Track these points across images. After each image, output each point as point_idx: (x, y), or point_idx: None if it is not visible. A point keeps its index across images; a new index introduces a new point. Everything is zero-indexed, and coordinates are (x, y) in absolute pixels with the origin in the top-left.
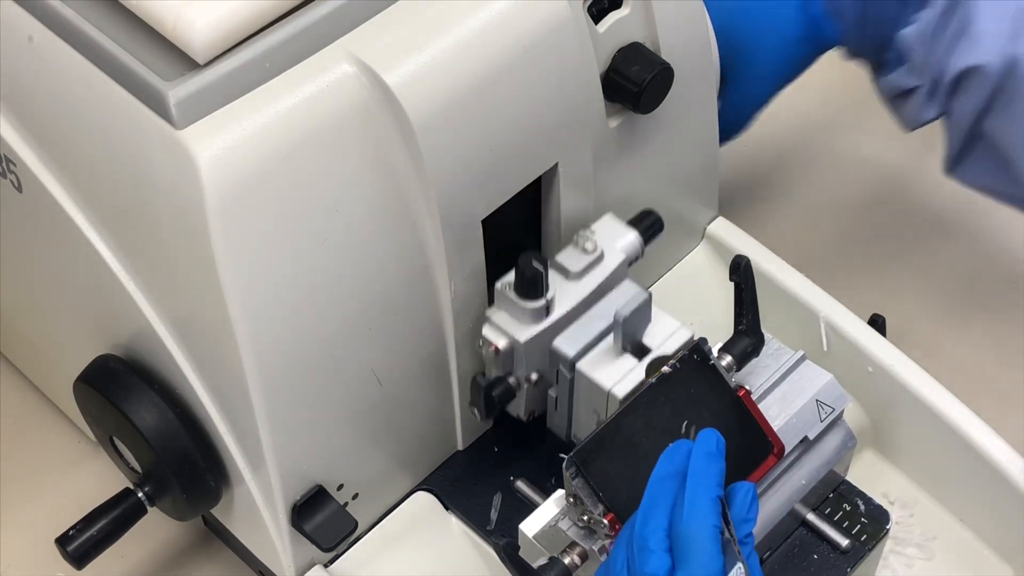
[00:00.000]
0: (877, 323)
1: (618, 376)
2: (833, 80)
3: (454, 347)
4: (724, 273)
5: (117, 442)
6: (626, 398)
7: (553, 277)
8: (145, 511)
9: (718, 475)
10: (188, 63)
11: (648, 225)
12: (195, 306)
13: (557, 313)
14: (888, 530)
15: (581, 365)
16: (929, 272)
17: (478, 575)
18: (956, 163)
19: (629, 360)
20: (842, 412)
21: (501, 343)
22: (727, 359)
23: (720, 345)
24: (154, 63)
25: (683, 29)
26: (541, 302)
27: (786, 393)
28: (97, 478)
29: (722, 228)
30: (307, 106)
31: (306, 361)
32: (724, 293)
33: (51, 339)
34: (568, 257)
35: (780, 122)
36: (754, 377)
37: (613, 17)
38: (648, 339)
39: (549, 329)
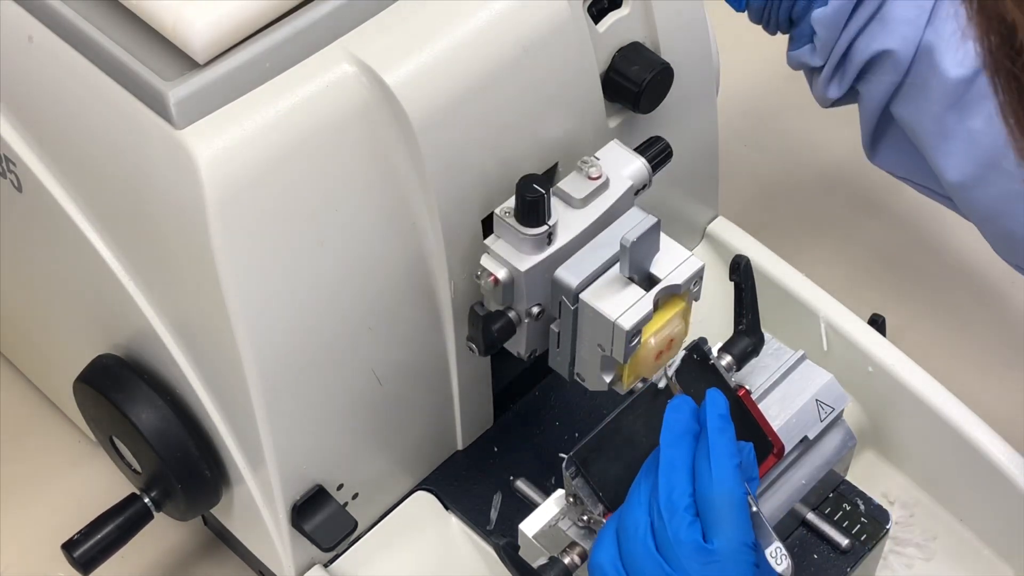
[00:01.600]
0: (877, 323)
1: (624, 306)
2: None
3: (454, 347)
4: (724, 273)
5: (117, 442)
6: (632, 330)
7: (556, 205)
8: (151, 516)
9: (734, 439)
10: (188, 63)
11: (656, 152)
12: (195, 306)
13: (560, 242)
14: (888, 530)
15: (585, 295)
16: (929, 272)
17: (478, 575)
18: (872, 148)
19: (636, 290)
20: (842, 412)
21: (500, 273)
22: (727, 359)
23: (720, 345)
24: (154, 63)
25: (683, 29)
26: (543, 229)
27: (786, 393)
28: (97, 478)
29: (722, 228)
30: (307, 106)
31: (306, 361)
32: (724, 293)
33: (51, 339)
34: (572, 184)
35: (780, 122)
36: (754, 377)
37: (613, 17)
38: (656, 268)
39: (551, 258)
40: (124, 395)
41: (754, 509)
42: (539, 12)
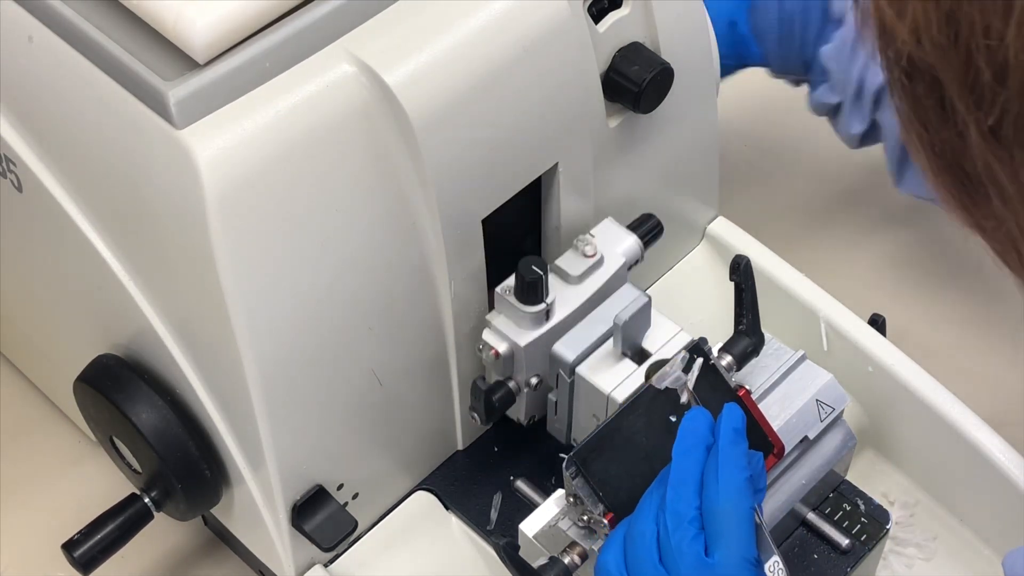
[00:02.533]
0: (877, 323)
1: (617, 380)
2: None
3: (454, 347)
4: (724, 273)
5: (117, 442)
6: (625, 402)
7: (553, 281)
8: (152, 516)
9: (746, 452)
10: (188, 63)
11: (648, 229)
12: (195, 306)
13: (557, 317)
14: (888, 530)
15: (581, 369)
16: (929, 272)
17: (478, 575)
18: (899, 176)
19: (629, 364)
20: (842, 412)
21: (501, 347)
22: (727, 359)
23: (720, 345)
24: (154, 63)
25: (683, 29)
26: (541, 307)
27: (786, 393)
28: (97, 478)
29: (722, 228)
30: (307, 106)
31: (306, 361)
32: (724, 293)
33: (51, 339)
34: (568, 261)
35: (780, 122)
36: (754, 377)
37: (613, 17)
38: (648, 343)
39: (549, 333)
40: (124, 395)
41: (757, 522)
42: (539, 12)
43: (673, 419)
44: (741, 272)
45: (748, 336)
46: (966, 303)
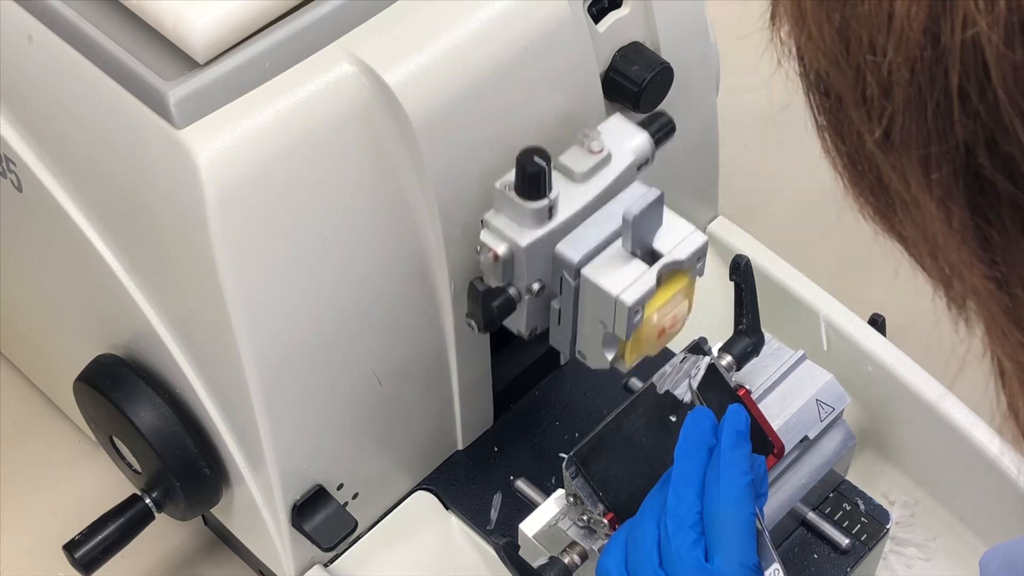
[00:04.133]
0: (877, 323)
1: (627, 282)
2: None
3: (454, 347)
4: (724, 273)
5: (117, 442)
6: (635, 305)
7: (557, 179)
8: (153, 517)
9: (749, 456)
10: (188, 63)
11: (659, 127)
12: (195, 306)
13: (561, 216)
14: (888, 530)
15: (587, 271)
16: None
17: (478, 575)
18: None
19: (639, 265)
20: (842, 412)
21: (500, 248)
22: (727, 359)
23: (720, 345)
24: (154, 63)
25: (683, 29)
26: (544, 203)
27: (786, 393)
28: (97, 478)
29: (722, 228)
30: (307, 106)
31: (306, 361)
32: (724, 293)
33: (51, 339)
34: (573, 157)
35: (780, 122)
36: (754, 377)
37: (613, 17)
38: (659, 243)
39: (552, 233)
40: (124, 395)
41: (759, 528)
42: (539, 12)
43: (673, 419)
44: (741, 272)
45: (748, 336)
46: None
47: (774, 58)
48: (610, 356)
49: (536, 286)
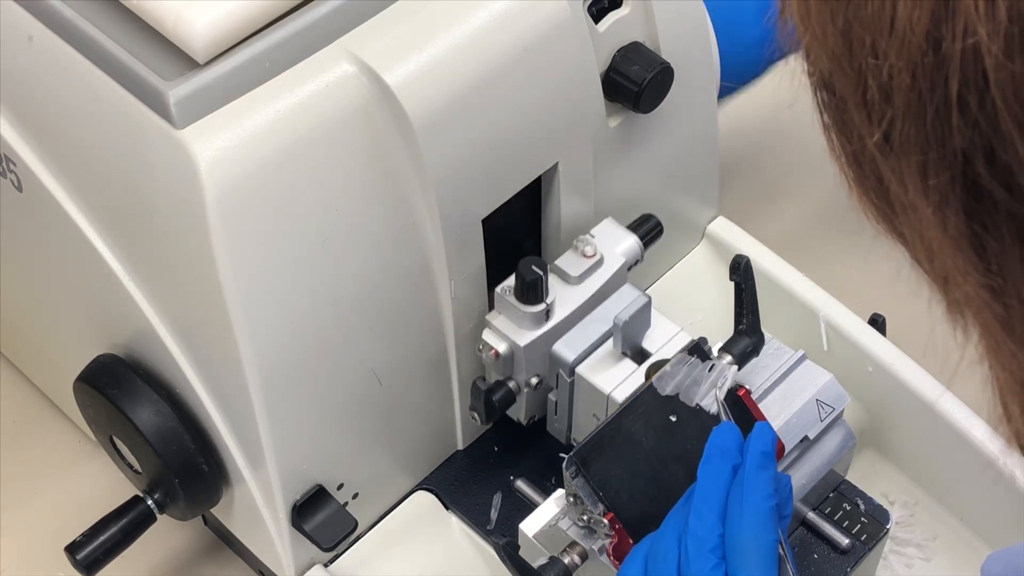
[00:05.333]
0: (877, 323)
1: (618, 380)
2: None
3: (454, 347)
4: (724, 273)
5: (117, 442)
6: (626, 402)
7: (553, 281)
8: (155, 518)
9: (774, 478)
10: (188, 63)
11: (648, 230)
12: (195, 306)
13: (557, 317)
14: (888, 530)
15: (581, 369)
16: None
17: (478, 575)
18: None
19: (629, 364)
20: (842, 411)
21: (501, 347)
22: (727, 359)
23: (720, 345)
24: (154, 63)
25: (683, 29)
26: (541, 307)
27: (786, 393)
28: (97, 478)
29: (722, 228)
30: (307, 106)
31: (306, 360)
32: (724, 293)
33: (51, 339)
34: (568, 262)
35: (780, 121)
36: (754, 377)
37: (613, 17)
38: (648, 343)
39: (549, 333)
40: (124, 395)
41: (781, 554)
42: (539, 12)
43: (674, 419)
44: (741, 272)
45: (748, 336)
46: None
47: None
48: None
49: (534, 380)
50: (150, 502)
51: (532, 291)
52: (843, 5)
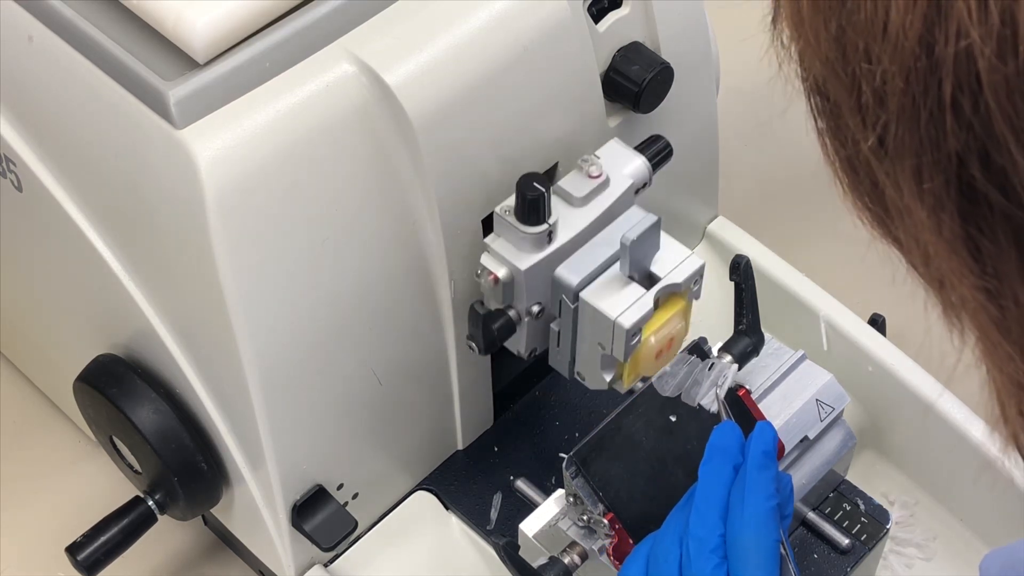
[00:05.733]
0: (877, 323)
1: (625, 305)
2: None
3: (454, 347)
4: (724, 273)
5: (117, 442)
6: (633, 328)
7: (556, 203)
8: (156, 519)
9: (775, 478)
10: (188, 63)
11: (657, 151)
12: (195, 306)
13: (560, 240)
14: (888, 530)
15: (585, 294)
16: None
17: (478, 575)
18: None
19: (636, 289)
20: (842, 411)
21: (501, 272)
22: (727, 358)
23: (720, 345)
24: (154, 63)
25: (683, 29)
26: (543, 228)
27: (786, 393)
28: (97, 478)
29: (722, 228)
30: (307, 106)
31: (306, 360)
32: (724, 293)
33: (51, 339)
34: (572, 182)
35: (780, 122)
36: (754, 377)
37: (613, 17)
38: (657, 267)
39: (551, 257)
40: (124, 394)
41: (782, 553)
42: (539, 12)
43: (674, 419)
44: (741, 272)
45: (748, 336)
46: None
47: (775, 59)
48: (608, 377)
49: (536, 308)
50: (151, 503)
51: (534, 210)
52: (836, 11)
